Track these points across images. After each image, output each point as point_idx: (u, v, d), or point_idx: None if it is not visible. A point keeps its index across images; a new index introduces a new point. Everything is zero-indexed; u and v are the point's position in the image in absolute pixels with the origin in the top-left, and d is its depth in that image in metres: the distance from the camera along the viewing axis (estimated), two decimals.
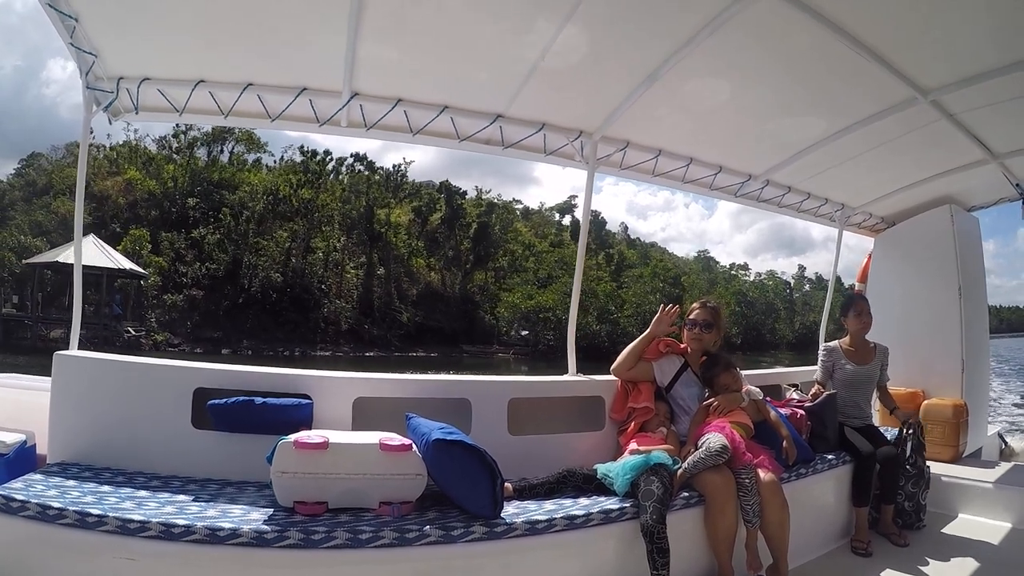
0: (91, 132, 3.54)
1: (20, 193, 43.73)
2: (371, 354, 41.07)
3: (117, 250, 32.39)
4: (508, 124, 3.81)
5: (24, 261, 32.07)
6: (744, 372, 3.74)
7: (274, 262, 41.97)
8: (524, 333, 48.08)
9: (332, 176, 49.58)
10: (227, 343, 37.36)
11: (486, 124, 3.76)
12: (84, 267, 3.48)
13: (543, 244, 59.57)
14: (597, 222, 65.04)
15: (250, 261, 41.30)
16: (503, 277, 52.83)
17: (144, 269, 34.69)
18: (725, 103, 3.76)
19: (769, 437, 3.36)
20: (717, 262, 78.09)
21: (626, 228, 79.30)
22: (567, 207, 68.30)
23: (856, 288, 6.18)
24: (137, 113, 3.50)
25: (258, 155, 50.87)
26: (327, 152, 49.80)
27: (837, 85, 3.53)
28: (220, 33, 3.12)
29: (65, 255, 26.66)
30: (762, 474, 3.02)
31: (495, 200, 60.68)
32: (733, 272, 75.22)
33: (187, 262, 40.22)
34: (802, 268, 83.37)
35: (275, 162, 51.14)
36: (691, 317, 3.59)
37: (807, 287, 79.00)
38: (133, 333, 33.07)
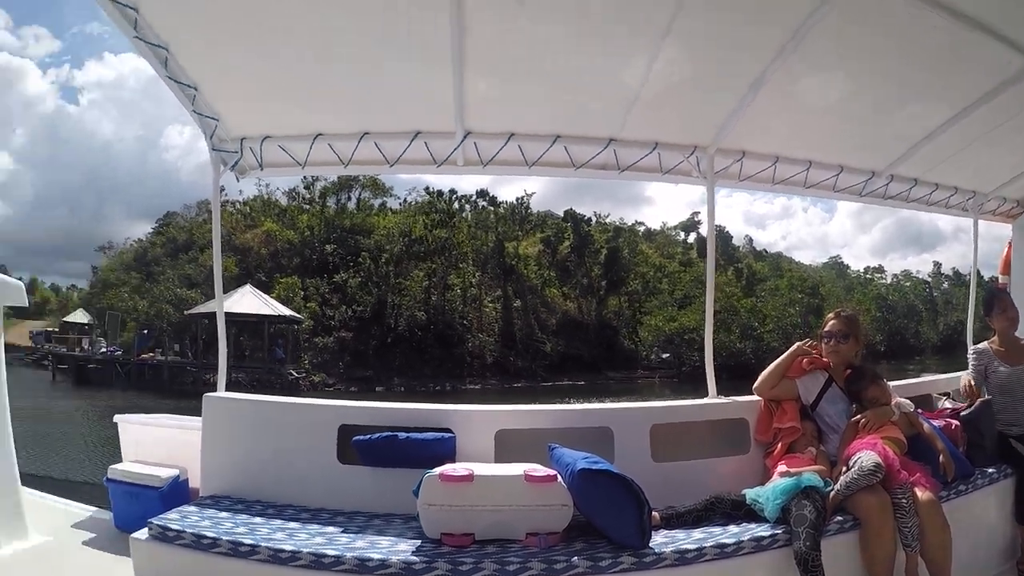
0: (223, 189, 3.84)
1: (162, 250, 48.90)
2: (519, 385, 42.07)
3: (271, 297, 35.06)
4: (621, 147, 3.77)
5: (186, 312, 34.85)
6: (891, 383, 3.47)
7: (416, 301, 43.81)
8: (665, 356, 47.79)
9: (460, 213, 51.69)
10: (378, 381, 38.93)
11: (600, 149, 3.73)
12: (244, 315, 3.81)
13: (672, 264, 59.60)
14: (722, 236, 63.88)
15: (394, 301, 43.29)
16: (637, 301, 53.09)
17: (298, 314, 37.07)
18: (837, 99, 3.56)
19: (923, 452, 3.09)
20: (847, 267, 75.00)
21: (750, 240, 77.23)
22: (691, 224, 68.11)
23: (999, 281, 5.58)
24: (262, 169, 3.76)
25: (383, 199, 54.14)
26: (452, 191, 52.17)
27: (949, 64, 3.25)
28: (332, 88, 3.31)
29: (226, 305, 28.73)
30: (919, 493, 2.78)
31: (620, 224, 61.29)
32: (868, 276, 72.07)
33: (333, 306, 42.63)
34: (937, 264, 76.93)
35: (400, 204, 54.06)
36: (826, 329, 3.37)
37: (945, 284, 73.81)
38: (295, 375, 35.14)
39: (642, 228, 67.55)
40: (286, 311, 34.37)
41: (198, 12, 2.80)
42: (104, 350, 39.70)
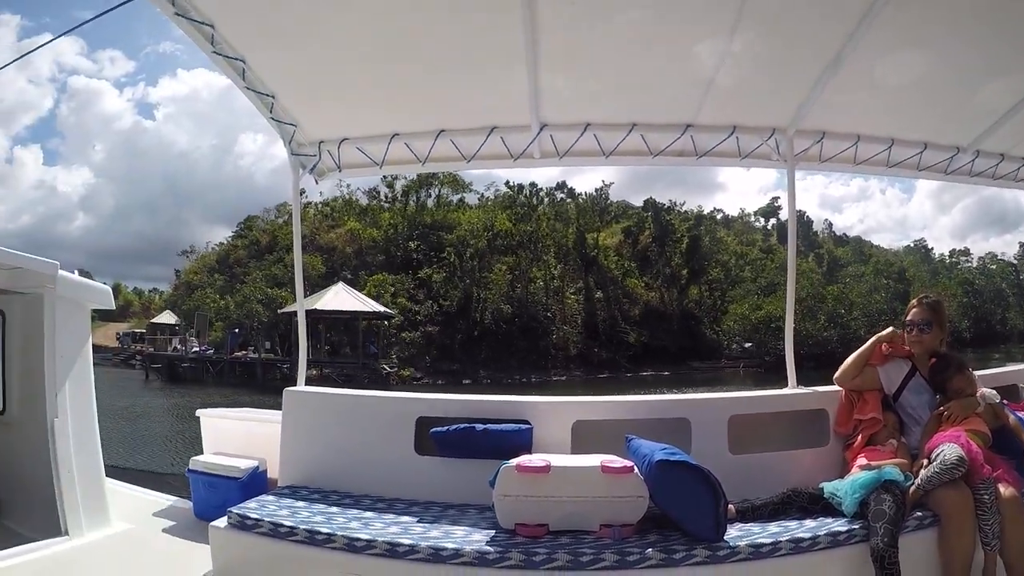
0: (303, 191, 4.00)
1: (245, 252, 51.18)
2: (604, 376, 42.50)
3: (362, 294, 36.09)
4: (699, 132, 3.71)
5: (279, 311, 36.23)
6: (976, 372, 3.27)
7: (501, 294, 44.60)
8: (747, 345, 47.11)
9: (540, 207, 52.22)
10: (464, 374, 39.87)
11: (677, 136, 3.69)
12: (339, 311, 3.99)
13: (753, 251, 58.66)
14: (802, 222, 62.35)
15: (479, 295, 44.18)
16: (719, 290, 52.60)
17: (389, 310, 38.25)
18: (919, 72, 3.37)
19: (1008, 446, 2.91)
20: (931, 249, 71.67)
21: (830, 225, 74.98)
22: (771, 210, 66.81)
23: None
24: (340, 171, 3.89)
25: (461, 195, 54.99)
26: (532, 184, 52.83)
27: None
28: (407, 88, 3.38)
29: (321, 302, 30.10)
30: (1003, 489, 2.61)
31: (700, 212, 60.89)
32: (953, 259, 68.47)
33: (419, 301, 43.84)
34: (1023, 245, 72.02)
35: (477, 200, 54.99)
36: (908, 318, 3.21)
37: None
38: (389, 370, 36.22)
39: (719, 215, 66.70)
40: (378, 307, 35.18)
41: (271, 22, 2.93)
42: (196, 349, 41.01)
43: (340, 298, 32.06)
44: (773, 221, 65.32)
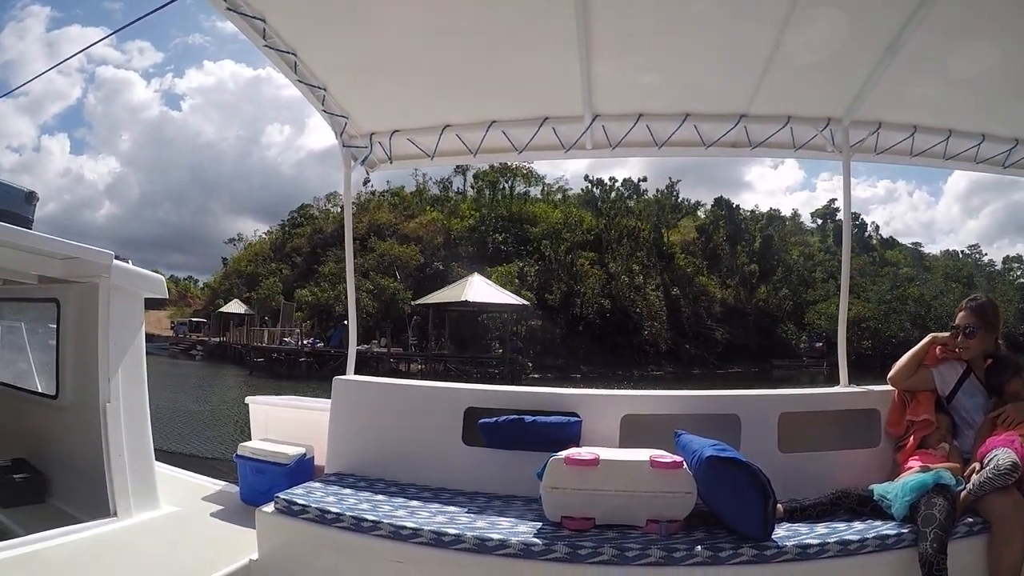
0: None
1: (305, 241, 50.52)
2: (696, 372, 42.55)
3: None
4: (752, 123, 3.67)
5: (415, 303, 34.24)
6: None
7: (599, 290, 44.04)
8: (818, 344, 47.96)
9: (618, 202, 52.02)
10: (569, 369, 39.16)
11: (730, 126, 3.66)
12: (485, 304, 4.03)
13: (820, 253, 58.47)
14: (859, 224, 63.08)
15: (578, 290, 43.53)
16: (790, 289, 52.69)
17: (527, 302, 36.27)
18: (978, 61, 3.24)
19: None
20: (984, 254, 69.41)
21: (877, 228, 73.26)
22: (828, 212, 66.11)
23: None
24: (391, 163, 3.93)
25: (528, 188, 54.48)
26: (612, 179, 52.55)
27: None
28: (458, 79, 3.40)
29: (465, 294, 29.50)
30: None
31: (773, 212, 60.87)
32: (1006, 266, 66.72)
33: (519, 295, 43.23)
34: None
35: (539, 192, 54.62)
36: (955, 322, 3.13)
37: None
38: (531, 367, 35.05)
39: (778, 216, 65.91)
40: (518, 299, 33.10)
41: (321, 15, 2.96)
42: (306, 342, 36.19)
43: (480, 289, 30.67)
44: (829, 223, 64.58)
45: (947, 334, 3.14)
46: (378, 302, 38.07)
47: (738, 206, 57.68)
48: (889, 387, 3.22)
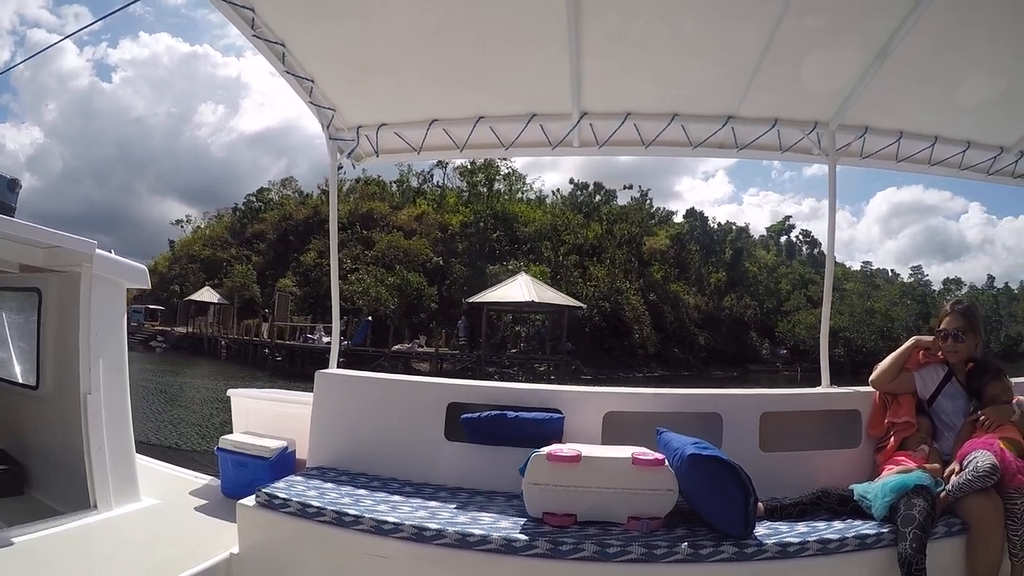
0: (342, 167, 4.01)
1: (269, 227, 47.72)
2: (687, 374, 42.98)
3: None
4: (740, 124, 3.69)
5: (467, 300, 31.77)
6: (1013, 380, 3.22)
7: (601, 292, 43.42)
8: (783, 352, 50.65)
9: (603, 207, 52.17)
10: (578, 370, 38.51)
11: (718, 127, 3.67)
12: (540, 303, 3.97)
13: (782, 267, 60.03)
14: (811, 241, 65.24)
15: (581, 292, 42.31)
16: (756, 299, 54.03)
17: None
18: (964, 66, 3.29)
19: None
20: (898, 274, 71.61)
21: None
22: (783, 229, 67.80)
23: None
24: (378, 156, 3.92)
25: (510, 186, 53.31)
26: (597, 184, 52.59)
27: None
28: (447, 74, 3.38)
29: (501, 292, 28.77)
30: None
31: (741, 225, 61.91)
32: (946, 287, 69.46)
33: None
34: (991, 277, 73.96)
35: (534, 195, 54.39)
36: (942, 327, 3.13)
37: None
38: (584, 368, 34.01)
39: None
40: (570, 301, 31.92)
41: (311, 6, 2.93)
42: (327, 339, 29.72)
43: (521, 290, 28.93)
44: (784, 238, 66.72)
45: (930, 338, 3.16)
46: (401, 297, 36.41)
47: (714, 217, 59.34)
48: (870, 388, 3.24)
